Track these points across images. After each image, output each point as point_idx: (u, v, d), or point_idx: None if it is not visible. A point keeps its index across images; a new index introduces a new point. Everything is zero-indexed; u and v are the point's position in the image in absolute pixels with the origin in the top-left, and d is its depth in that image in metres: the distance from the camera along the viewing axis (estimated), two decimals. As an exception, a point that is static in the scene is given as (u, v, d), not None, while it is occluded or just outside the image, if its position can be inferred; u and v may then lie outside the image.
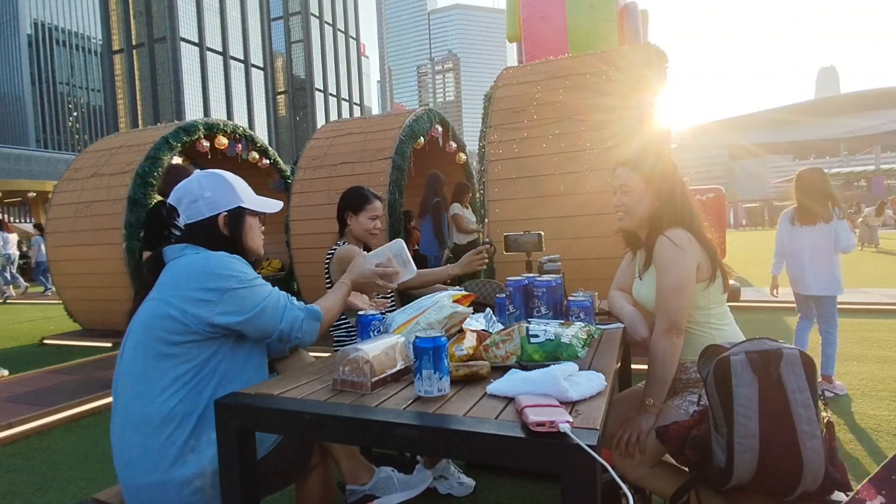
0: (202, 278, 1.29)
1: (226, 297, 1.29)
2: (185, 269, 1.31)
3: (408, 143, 5.93)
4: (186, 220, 1.42)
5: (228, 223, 1.43)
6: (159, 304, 1.29)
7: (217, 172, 1.48)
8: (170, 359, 1.27)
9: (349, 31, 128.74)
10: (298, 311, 1.40)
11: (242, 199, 1.46)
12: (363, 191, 2.42)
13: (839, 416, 2.97)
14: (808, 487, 1.21)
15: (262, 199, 1.54)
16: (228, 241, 1.43)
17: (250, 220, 1.49)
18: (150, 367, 1.27)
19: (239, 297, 1.30)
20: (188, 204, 1.41)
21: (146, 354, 1.28)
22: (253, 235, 1.50)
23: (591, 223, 4.29)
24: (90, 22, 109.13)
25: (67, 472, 2.70)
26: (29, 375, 4.52)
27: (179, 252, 1.37)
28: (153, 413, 1.25)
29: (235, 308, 1.30)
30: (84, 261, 6.24)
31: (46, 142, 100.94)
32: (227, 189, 1.45)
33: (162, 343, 1.27)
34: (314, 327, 1.44)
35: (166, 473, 1.24)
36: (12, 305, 10.70)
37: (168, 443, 1.25)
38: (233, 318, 1.29)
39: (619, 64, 4.72)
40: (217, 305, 1.28)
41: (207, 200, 1.41)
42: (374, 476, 1.72)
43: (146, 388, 1.27)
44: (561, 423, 0.87)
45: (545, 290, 1.72)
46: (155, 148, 6.13)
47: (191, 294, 1.27)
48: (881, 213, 16.40)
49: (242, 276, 1.32)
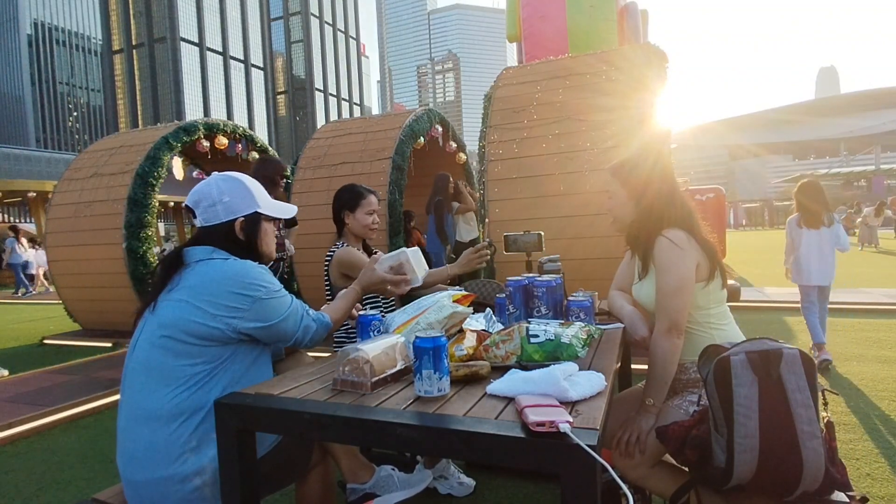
0: (234, 286, 1.32)
1: (256, 306, 1.33)
2: (217, 276, 1.33)
3: (408, 143, 5.93)
4: (203, 222, 1.43)
5: (245, 228, 1.45)
6: (187, 307, 1.29)
7: (236, 176, 1.49)
8: (187, 357, 1.29)
9: (349, 31, 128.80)
10: (312, 322, 1.47)
11: (259, 205, 1.48)
12: (356, 187, 2.40)
13: (839, 416, 2.97)
14: (808, 487, 1.21)
15: (278, 204, 1.56)
16: (244, 245, 1.45)
17: (265, 226, 1.51)
18: (167, 364, 1.28)
19: (267, 307, 1.35)
20: (206, 207, 1.43)
21: (164, 352, 1.29)
22: (268, 240, 1.52)
23: (591, 223, 4.29)
24: (90, 22, 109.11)
25: (67, 472, 2.70)
26: (29, 375, 4.52)
27: (207, 255, 1.38)
28: (162, 408, 1.26)
29: (263, 316, 1.34)
30: (84, 261, 6.24)
31: (46, 142, 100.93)
32: (246, 194, 1.46)
33: (182, 343, 1.28)
34: (321, 336, 1.52)
35: (169, 469, 1.25)
36: (12, 305, 10.70)
37: (173, 437, 1.25)
38: (258, 325, 1.34)
39: (619, 64, 4.72)
40: (247, 313, 1.32)
41: (225, 205, 1.43)
42: (374, 475, 1.72)
43: (158, 384, 1.28)
44: (561, 423, 0.87)
45: (545, 290, 1.72)
46: (155, 148, 6.13)
47: (223, 301, 1.30)
48: (881, 213, 16.41)
49: (270, 286, 1.37)
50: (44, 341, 6.33)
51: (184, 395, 1.27)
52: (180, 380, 1.27)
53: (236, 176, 1.49)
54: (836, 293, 7.15)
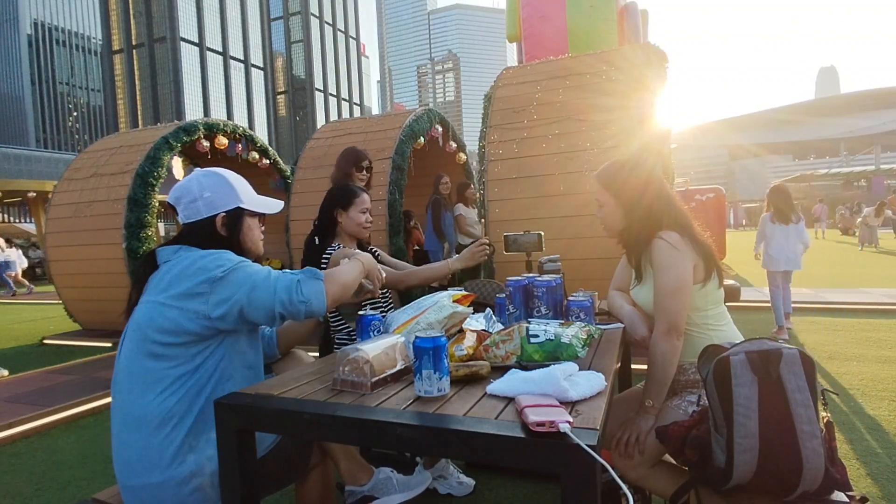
0: (191, 274, 1.28)
1: (216, 287, 1.27)
2: (177, 269, 1.31)
3: (408, 143, 5.93)
4: (185, 219, 1.41)
5: (226, 224, 1.42)
6: (154, 307, 1.28)
7: (217, 172, 1.46)
8: (167, 360, 1.27)
9: (349, 31, 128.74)
10: (291, 276, 1.34)
11: (242, 200, 1.45)
12: (349, 186, 2.37)
13: (839, 416, 2.97)
14: (807, 487, 1.21)
15: (262, 199, 1.53)
16: (226, 241, 1.42)
17: (249, 221, 1.47)
18: (149, 368, 1.27)
19: (227, 283, 1.28)
20: (187, 203, 1.40)
21: (144, 356, 1.27)
22: (252, 236, 1.48)
23: (591, 223, 4.28)
24: (90, 22, 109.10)
25: (67, 472, 2.70)
26: (29, 375, 4.53)
27: (173, 254, 1.36)
28: (151, 413, 1.25)
29: (227, 293, 1.27)
30: (84, 261, 6.24)
31: (46, 142, 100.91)
32: (227, 189, 1.44)
33: (158, 345, 1.26)
34: (317, 287, 1.34)
35: (164, 473, 1.24)
36: (12, 305, 10.70)
37: (166, 442, 1.25)
38: (228, 306, 1.27)
39: (619, 64, 4.72)
40: (211, 296, 1.26)
41: (206, 200, 1.40)
42: (372, 477, 1.72)
43: (144, 388, 1.27)
44: (561, 423, 0.87)
45: (545, 290, 1.72)
46: (155, 148, 6.13)
47: (185, 290, 1.26)
48: (881, 213, 16.40)
49: (227, 263, 1.30)
50: (44, 341, 6.33)
51: (171, 400, 1.26)
52: (165, 382, 1.26)
53: (218, 171, 1.47)
54: (837, 293, 7.20)
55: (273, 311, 1.30)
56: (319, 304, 1.33)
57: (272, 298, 1.29)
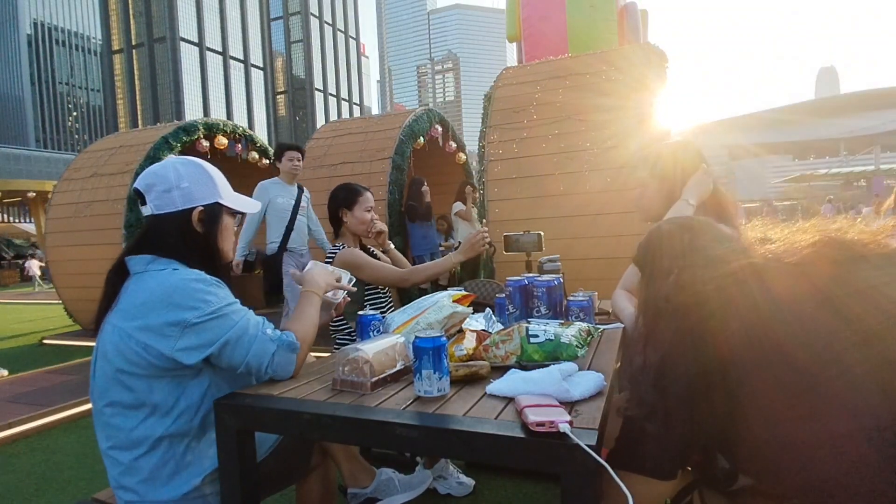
0: (163, 308, 1.14)
1: (186, 333, 1.14)
2: (146, 297, 1.16)
3: (408, 143, 5.93)
4: (155, 209, 1.24)
5: (204, 219, 1.27)
6: (122, 336, 1.15)
7: (196, 161, 1.32)
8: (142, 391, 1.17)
9: (349, 31, 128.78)
10: (270, 344, 1.23)
11: (221, 195, 1.31)
12: (352, 185, 2.40)
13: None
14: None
15: (241, 198, 1.39)
16: (200, 238, 1.27)
17: (227, 220, 1.34)
18: (125, 398, 1.17)
19: (201, 331, 1.15)
20: (160, 192, 1.24)
21: (118, 386, 1.17)
22: (227, 237, 1.34)
23: (591, 223, 4.29)
24: (90, 22, 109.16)
25: (67, 472, 2.70)
26: (29, 375, 4.52)
27: (143, 266, 1.21)
28: (138, 437, 1.18)
29: (196, 343, 1.15)
30: (84, 261, 6.23)
31: (46, 142, 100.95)
32: (207, 181, 1.30)
33: (130, 376, 1.16)
34: (289, 359, 1.26)
35: (161, 492, 1.19)
36: (13, 305, 10.70)
37: (159, 464, 1.19)
38: (194, 357, 1.15)
39: (619, 64, 4.72)
40: (178, 340, 1.14)
41: (183, 191, 1.25)
42: (375, 478, 1.72)
43: (123, 417, 1.18)
44: (561, 423, 0.87)
45: (545, 290, 1.72)
46: (154, 148, 6.12)
47: (152, 325, 1.14)
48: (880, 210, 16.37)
49: (205, 306, 1.16)
50: (44, 341, 6.33)
51: (159, 429, 1.17)
52: (145, 409, 1.17)
53: (197, 161, 1.32)
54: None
55: (236, 369, 1.23)
56: (284, 376, 1.28)
57: (241, 360, 1.20)
